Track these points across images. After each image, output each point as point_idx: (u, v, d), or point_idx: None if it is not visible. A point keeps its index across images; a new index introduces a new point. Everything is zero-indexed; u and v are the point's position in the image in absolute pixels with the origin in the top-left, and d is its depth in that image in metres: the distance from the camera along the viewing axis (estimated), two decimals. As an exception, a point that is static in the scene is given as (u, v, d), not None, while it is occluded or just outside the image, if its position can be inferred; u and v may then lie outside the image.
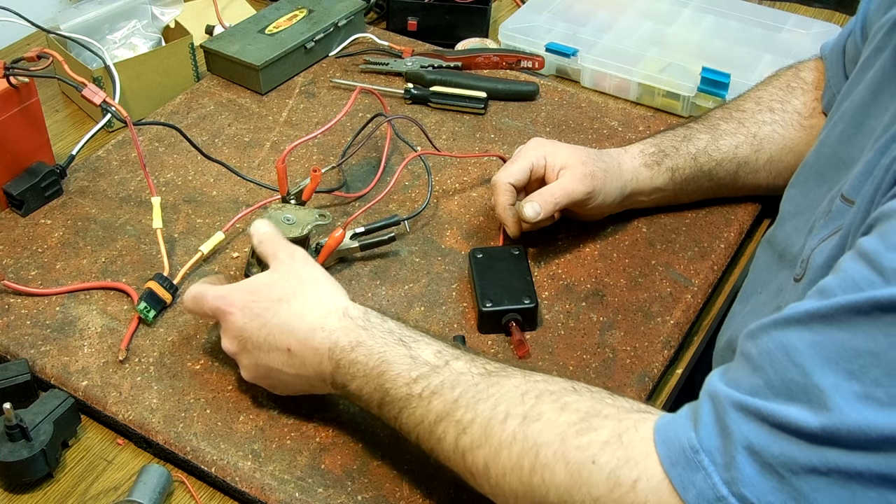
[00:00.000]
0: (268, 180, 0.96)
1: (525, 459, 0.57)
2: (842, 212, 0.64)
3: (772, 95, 0.93)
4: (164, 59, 1.09)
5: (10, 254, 0.88)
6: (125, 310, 0.83)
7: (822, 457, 0.48)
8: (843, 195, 0.64)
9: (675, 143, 0.91)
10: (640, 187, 0.90)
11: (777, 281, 0.78)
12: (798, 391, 0.50)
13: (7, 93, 0.89)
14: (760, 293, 0.80)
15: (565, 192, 0.84)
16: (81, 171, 0.98)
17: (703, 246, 0.92)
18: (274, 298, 0.70)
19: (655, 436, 0.55)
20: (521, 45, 1.18)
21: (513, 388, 0.61)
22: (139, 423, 0.74)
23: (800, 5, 1.33)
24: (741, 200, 0.96)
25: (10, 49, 1.22)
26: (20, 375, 0.75)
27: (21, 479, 0.71)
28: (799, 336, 0.51)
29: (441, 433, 0.62)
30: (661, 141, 0.91)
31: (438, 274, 0.88)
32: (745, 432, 0.51)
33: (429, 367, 0.64)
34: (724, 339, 0.84)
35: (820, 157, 0.78)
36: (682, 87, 1.09)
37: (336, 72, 1.15)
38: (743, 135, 0.91)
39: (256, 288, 0.71)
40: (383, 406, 0.66)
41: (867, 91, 0.72)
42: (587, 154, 0.87)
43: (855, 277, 0.50)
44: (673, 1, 1.25)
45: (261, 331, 0.69)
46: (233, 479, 0.70)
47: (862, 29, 0.84)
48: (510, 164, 0.88)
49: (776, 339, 0.52)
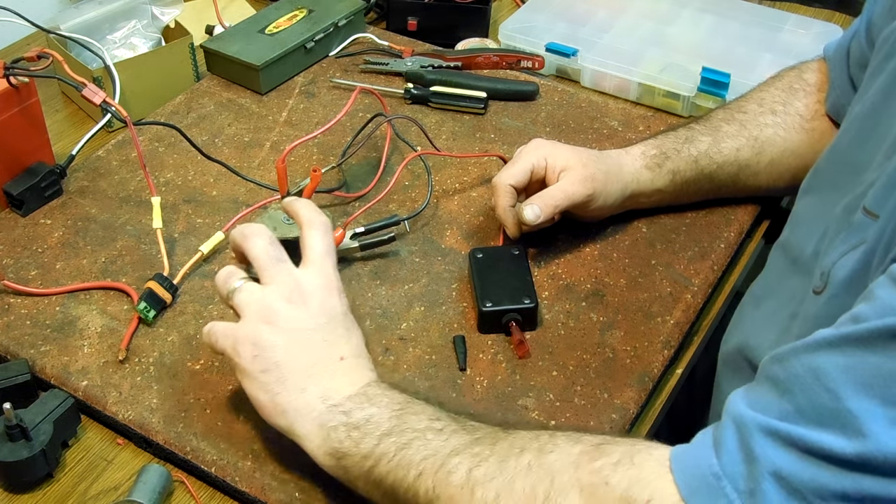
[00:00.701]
0: (268, 180, 0.96)
1: (539, 487, 0.57)
2: (864, 225, 0.63)
3: (774, 97, 0.93)
4: (164, 59, 1.09)
5: (10, 254, 0.88)
6: (125, 310, 0.83)
7: (855, 483, 0.47)
8: (866, 208, 0.63)
9: (676, 145, 0.90)
10: (641, 189, 0.90)
11: (790, 286, 0.77)
12: (829, 416, 0.49)
13: (7, 93, 0.89)
14: (770, 299, 0.80)
15: (566, 194, 0.84)
16: (81, 171, 0.98)
17: (703, 246, 0.92)
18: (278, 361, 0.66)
19: (672, 463, 0.54)
20: (521, 45, 1.18)
21: (529, 432, 0.61)
22: (139, 423, 0.74)
23: (800, 5, 1.33)
24: (741, 201, 0.96)
25: (10, 49, 1.22)
26: (20, 375, 0.75)
27: (21, 479, 0.71)
28: (830, 360, 0.50)
29: (453, 466, 0.60)
30: (663, 143, 0.91)
31: (438, 274, 0.88)
32: (773, 458, 0.49)
33: (451, 418, 0.64)
34: (733, 343, 0.83)
35: (832, 163, 0.78)
36: (682, 87, 1.09)
37: (336, 72, 1.15)
38: (745, 137, 0.90)
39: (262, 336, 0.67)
40: (390, 435, 0.63)
41: (879, 95, 0.72)
42: (588, 156, 0.87)
43: (890, 303, 0.49)
44: (673, 1, 1.25)
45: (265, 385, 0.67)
46: (233, 479, 0.70)
47: (867, 32, 0.84)
48: (511, 165, 0.88)
49: (806, 362, 0.51)
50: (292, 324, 0.67)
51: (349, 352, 0.68)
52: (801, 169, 0.88)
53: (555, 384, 0.78)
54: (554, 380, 0.78)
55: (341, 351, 0.68)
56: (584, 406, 0.76)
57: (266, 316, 0.67)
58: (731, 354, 0.83)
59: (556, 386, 0.78)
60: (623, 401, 0.77)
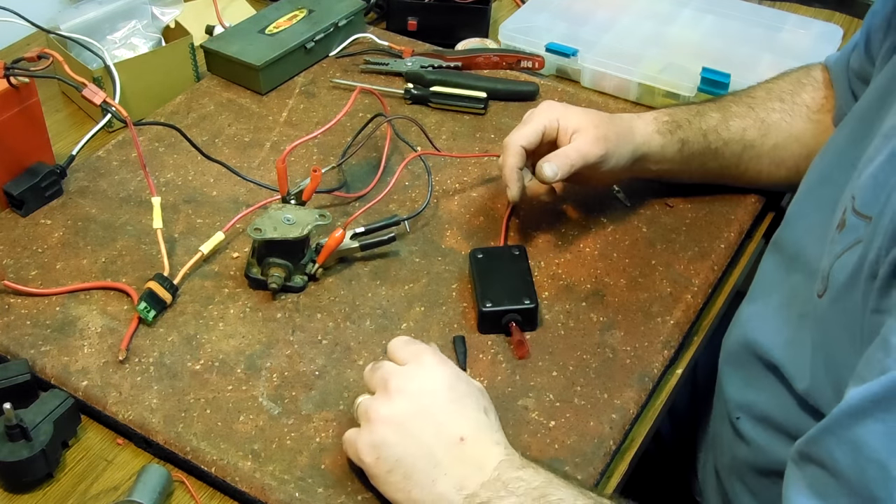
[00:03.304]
0: (268, 180, 0.96)
1: None
2: (857, 227, 0.63)
3: (782, 87, 0.94)
4: (164, 59, 1.09)
5: (10, 254, 0.88)
6: (125, 310, 0.83)
7: None
8: (857, 210, 0.63)
9: (688, 116, 0.91)
10: (651, 152, 0.90)
11: (789, 284, 0.78)
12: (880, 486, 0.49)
13: (7, 93, 0.89)
14: (772, 296, 0.80)
15: (580, 153, 0.84)
16: (81, 171, 0.98)
17: (703, 246, 0.92)
18: None
19: None
20: (521, 45, 1.18)
21: None
22: (139, 423, 0.74)
23: (800, 5, 1.33)
24: (741, 200, 0.96)
25: (10, 49, 1.22)
26: (20, 375, 0.75)
27: (21, 479, 0.71)
28: (866, 429, 0.50)
29: None
30: (675, 112, 0.92)
31: (438, 274, 0.88)
32: None
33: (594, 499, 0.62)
34: (735, 340, 0.83)
35: (827, 159, 0.78)
36: (682, 87, 1.09)
37: (336, 72, 1.15)
38: (752, 118, 0.92)
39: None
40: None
41: (874, 94, 0.72)
42: (599, 117, 0.87)
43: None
44: (673, 1, 1.25)
45: None
46: (233, 479, 0.70)
47: (866, 45, 0.84)
48: (522, 126, 0.87)
49: (845, 438, 0.51)
50: (398, 416, 0.65)
51: (468, 429, 0.65)
52: (803, 157, 0.89)
53: (555, 384, 0.78)
54: (554, 380, 0.78)
55: (459, 431, 0.65)
56: (584, 406, 0.76)
57: (374, 417, 0.65)
58: (734, 350, 0.83)
59: (556, 386, 0.78)
60: (623, 401, 0.77)
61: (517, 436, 0.73)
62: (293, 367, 0.78)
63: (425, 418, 0.65)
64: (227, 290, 0.85)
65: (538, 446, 0.73)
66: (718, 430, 0.87)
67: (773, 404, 0.76)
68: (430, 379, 0.67)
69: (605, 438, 0.74)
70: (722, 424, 0.85)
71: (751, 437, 0.79)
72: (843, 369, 0.62)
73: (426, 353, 0.69)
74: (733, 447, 0.82)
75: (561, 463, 0.72)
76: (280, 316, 0.83)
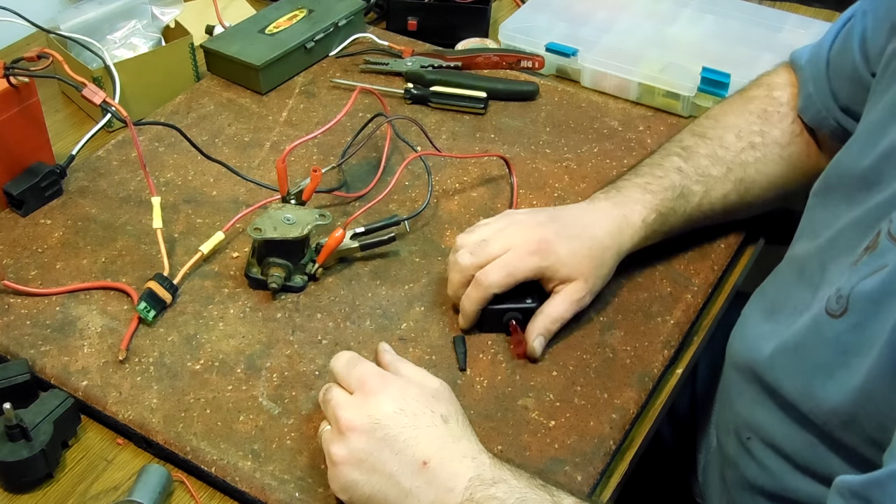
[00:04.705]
0: (268, 180, 0.96)
1: None
2: (889, 250, 0.62)
3: (751, 126, 0.90)
4: (164, 59, 1.09)
5: (10, 254, 0.89)
6: (125, 310, 0.83)
7: None
8: (892, 234, 0.62)
9: (673, 204, 0.86)
10: (634, 250, 0.86)
11: (794, 297, 0.76)
12: None
13: (7, 93, 0.89)
14: (783, 311, 0.77)
15: (571, 312, 0.81)
16: (81, 171, 0.99)
17: (703, 246, 0.92)
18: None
19: None
20: (521, 45, 1.18)
21: None
22: (139, 423, 0.74)
23: (800, 5, 1.33)
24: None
25: (10, 49, 1.22)
26: (20, 375, 0.75)
27: (21, 479, 0.71)
28: None
29: None
30: (662, 203, 0.86)
31: (438, 274, 0.88)
32: None
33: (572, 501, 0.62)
34: (743, 355, 0.80)
35: (841, 175, 0.75)
36: (682, 87, 1.09)
37: (336, 72, 1.15)
38: (731, 182, 0.88)
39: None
40: None
41: (886, 111, 0.71)
42: (590, 262, 0.80)
43: None
44: (673, 1, 1.25)
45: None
46: (233, 479, 0.70)
47: (861, 47, 0.81)
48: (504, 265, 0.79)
49: None
50: (356, 454, 0.64)
51: (429, 450, 0.63)
52: (786, 194, 0.89)
53: (555, 384, 0.78)
54: (554, 380, 0.78)
55: (420, 455, 0.63)
56: (584, 406, 0.76)
57: (335, 459, 0.65)
58: (742, 367, 0.80)
59: (556, 386, 0.78)
60: (623, 401, 0.77)
61: (517, 436, 0.73)
62: (293, 367, 0.78)
63: (382, 451, 0.63)
64: (226, 289, 0.85)
65: (538, 446, 0.73)
66: (724, 440, 0.85)
67: (781, 433, 0.74)
68: (376, 407, 0.65)
69: (605, 438, 0.74)
70: (728, 436, 0.83)
71: (761, 458, 0.77)
72: (884, 396, 0.60)
73: (368, 375, 0.67)
74: (743, 464, 0.80)
75: (561, 463, 0.72)
76: (280, 316, 0.83)
